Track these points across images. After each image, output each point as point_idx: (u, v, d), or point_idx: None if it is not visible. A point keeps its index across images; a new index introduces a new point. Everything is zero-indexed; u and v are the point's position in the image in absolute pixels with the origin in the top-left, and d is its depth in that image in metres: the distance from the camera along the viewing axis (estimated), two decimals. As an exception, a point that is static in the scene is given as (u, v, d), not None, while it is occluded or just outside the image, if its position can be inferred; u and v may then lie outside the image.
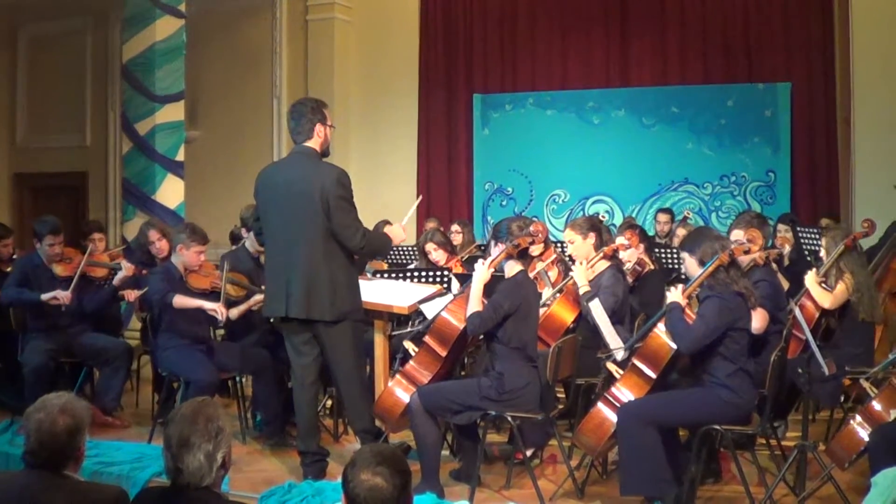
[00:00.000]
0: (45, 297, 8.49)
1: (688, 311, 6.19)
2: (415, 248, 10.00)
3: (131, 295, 8.89)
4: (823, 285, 7.61)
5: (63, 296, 8.50)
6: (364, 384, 7.14)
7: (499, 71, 14.64)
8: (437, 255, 9.33)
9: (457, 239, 11.01)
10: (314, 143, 6.82)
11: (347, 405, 7.11)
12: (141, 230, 9.55)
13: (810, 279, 7.61)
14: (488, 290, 6.64)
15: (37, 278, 8.64)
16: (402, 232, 7.21)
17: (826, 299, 7.56)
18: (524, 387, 6.50)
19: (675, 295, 6.18)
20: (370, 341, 7.52)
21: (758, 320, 6.86)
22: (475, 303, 6.54)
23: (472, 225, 12.34)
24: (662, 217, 12.28)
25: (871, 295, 7.59)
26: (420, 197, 7.32)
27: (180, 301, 7.95)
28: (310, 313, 6.69)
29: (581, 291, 7.55)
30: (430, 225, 11.60)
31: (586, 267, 7.74)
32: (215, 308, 7.96)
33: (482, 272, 6.64)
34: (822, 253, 7.84)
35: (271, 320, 7.43)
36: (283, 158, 7.09)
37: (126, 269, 8.77)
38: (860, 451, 6.01)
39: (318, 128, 6.81)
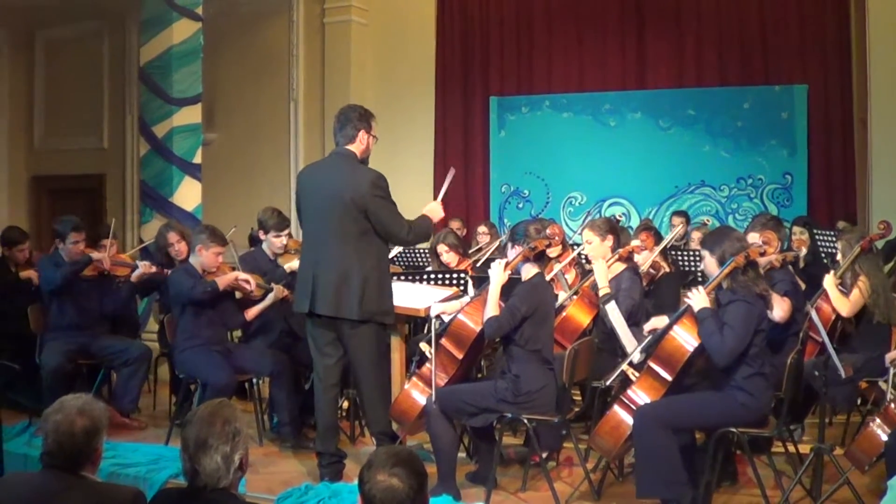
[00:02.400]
0: (95, 255, 8.64)
1: None
2: (427, 250, 10.01)
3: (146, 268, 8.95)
4: (840, 288, 7.61)
5: (106, 259, 8.62)
6: (384, 388, 7.16)
7: (515, 73, 14.65)
8: (449, 256, 9.34)
9: (484, 240, 11.00)
10: (355, 148, 6.88)
11: (366, 407, 7.12)
12: (160, 232, 9.57)
13: (829, 282, 7.61)
14: (505, 292, 6.64)
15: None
16: (440, 208, 7.26)
17: (844, 306, 7.56)
18: (540, 389, 6.51)
19: (700, 300, 6.09)
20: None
21: (781, 308, 6.88)
22: (492, 306, 6.54)
23: (497, 227, 12.36)
24: (677, 220, 12.23)
25: (886, 297, 7.58)
26: (453, 170, 7.28)
27: (223, 282, 8.09)
28: (338, 311, 6.73)
29: (601, 293, 7.53)
30: (455, 225, 11.62)
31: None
32: (248, 278, 8.17)
33: (499, 275, 6.64)
34: (839, 255, 7.84)
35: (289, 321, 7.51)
36: (322, 159, 7.16)
37: (143, 266, 8.83)
38: (880, 453, 6.00)
39: (362, 134, 6.88)
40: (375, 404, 6.99)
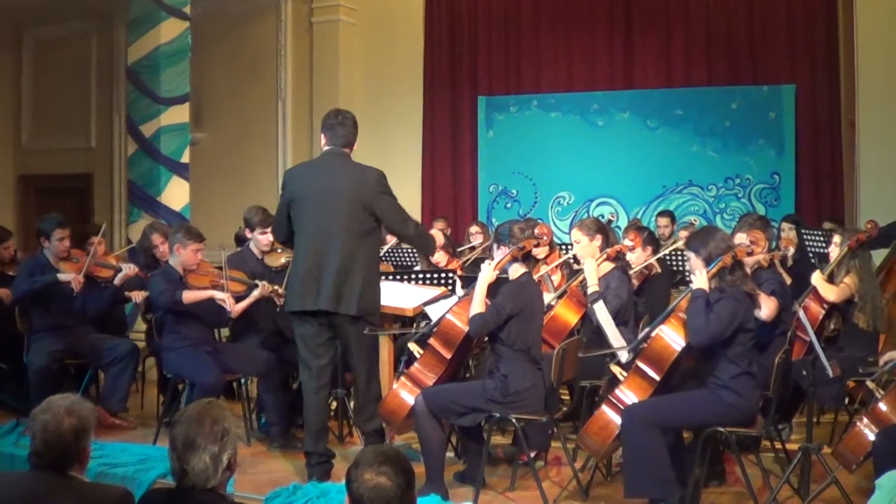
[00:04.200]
0: (61, 276, 8.54)
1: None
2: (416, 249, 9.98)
3: (138, 295, 8.93)
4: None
5: (77, 279, 8.55)
6: (379, 385, 7.18)
7: (503, 73, 14.64)
8: (438, 255, 9.34)
9: (477, 239, 10.98)
10: (349, 151, 7.00)
11: (363, 405, 7.11)
12: (144, 233, 9.56)
13: (816, 278, 7.62)
14: (492, 292, 6.65)
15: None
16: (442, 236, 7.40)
17: (831, 293, 7.57)
18: (528, 388, 6.51)
19: (700, 281, 6.10)
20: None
21: (768, 307, 6.90)
22: (478, 304, 6.55)
23: (488, 227, 12.38)
24: (662, 220, 12.24)
25: (874, 304, 7.57)
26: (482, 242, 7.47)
27: (190, 296, 8.00)
28: (337, 307, 6.77)
29: (590, 290, 7.53)
30: (438, 226, 11.59)
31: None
32: (224, 298, 8.06)
33: (487, 273, 6.65)
34: (833, 251, 7.84)
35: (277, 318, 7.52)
36: (316, 158, 7.19)
37: (128, 269, 8.79)
38: (867, 452, 6.02)
39: (356, 143, 7.07)
40: (371, 402, 7.01)
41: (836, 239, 7.86)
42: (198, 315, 8.16)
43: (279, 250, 8.76)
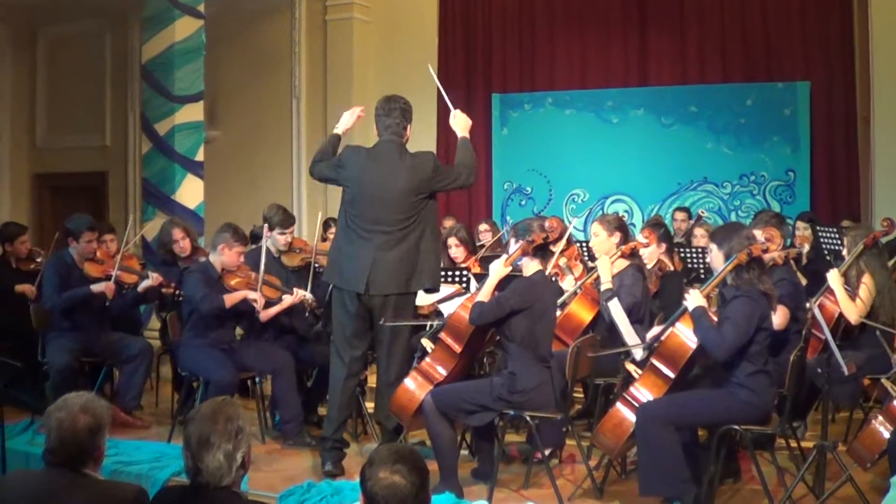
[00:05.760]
0: (95, 288, 8.57)
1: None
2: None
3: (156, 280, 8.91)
4: (846, 287, 7.54)
5: (110, 288, 8.60)
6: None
7: (517, 70, 14.64)
8: (457, 251, 9.31)
9: (486, 237, 10.97)
10: (402, 140, 7.20)
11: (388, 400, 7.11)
12: (164, 228, 9.58)
13: (834, 278, 7.52)
14: (505, 287, 6.63)
15: (69, 278, 8.67)
16: (465, 116, 7.93)
17: (852, 312, 7.44)
18: (536, 387, 6.47)
19: (695, 299, 6.10)
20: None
21: (779, 317, 6.86)
22: (485, 295, 6.56)
23: (498, 225, 12.38)
24: (679, 216, 12.26)
25: (891, 298, 7.54)
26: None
27: (230, 299, 8.07)
28: (408, 287, 6.94)
29: (602, 287, 7.51)
30: (448, 223, 11.57)
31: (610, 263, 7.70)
32: (256, 297, 8.11)
33: (499, 267, 6.66)
34: (844, 251, 7.81)
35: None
36: (373, 147, 7.19)
37: (153, 278, 8.78)
38: (882, 450, 6.00)
39: (408, 129, 7.30)
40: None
41: (846, 241, 7.82)
42: (234, 315, 8.24)
43: (297, 251, 8.77)
